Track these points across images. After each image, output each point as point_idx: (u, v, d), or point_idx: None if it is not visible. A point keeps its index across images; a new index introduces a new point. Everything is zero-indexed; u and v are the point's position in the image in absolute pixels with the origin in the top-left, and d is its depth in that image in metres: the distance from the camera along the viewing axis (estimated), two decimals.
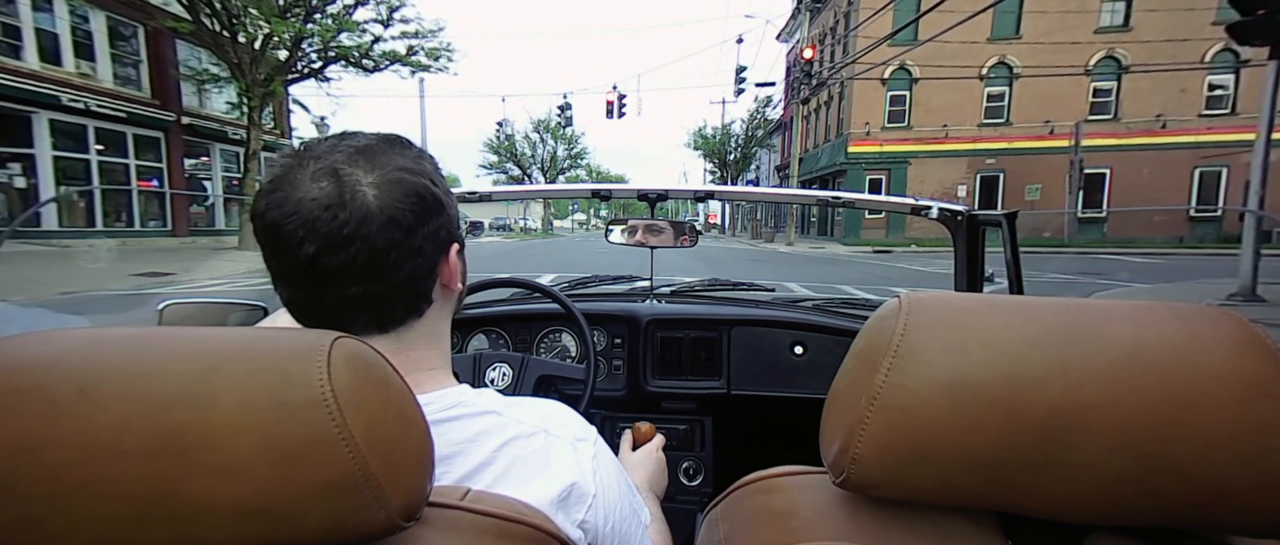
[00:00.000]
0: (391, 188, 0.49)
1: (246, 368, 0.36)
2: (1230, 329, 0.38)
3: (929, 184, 20.27)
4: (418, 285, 0.53)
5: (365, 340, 0.44)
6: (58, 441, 0.33)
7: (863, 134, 20.70)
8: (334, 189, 0.47)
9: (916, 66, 19.88)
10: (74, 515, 0.33)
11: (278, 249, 0.48)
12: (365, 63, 15.27)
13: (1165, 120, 18.67)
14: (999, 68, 19.80)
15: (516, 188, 1.72)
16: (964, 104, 19.96)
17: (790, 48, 30.05)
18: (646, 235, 1.54)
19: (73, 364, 0.35)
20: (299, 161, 0.49)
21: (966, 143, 20.09)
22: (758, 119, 33.41)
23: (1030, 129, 19.56)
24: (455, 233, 0.56)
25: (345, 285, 0.49)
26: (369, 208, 0.48)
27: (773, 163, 34.77)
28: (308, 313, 0.52)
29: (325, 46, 14.09)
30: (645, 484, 0.91)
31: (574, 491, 0.51)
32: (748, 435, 1.73)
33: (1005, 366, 0.39)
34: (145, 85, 14.06)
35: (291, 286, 0.50)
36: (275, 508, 0.35)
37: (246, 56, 12.95)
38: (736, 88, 17.26)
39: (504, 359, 1.28)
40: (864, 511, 0.45)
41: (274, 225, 0.48)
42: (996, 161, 20.02)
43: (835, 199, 1.47)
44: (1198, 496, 0.37)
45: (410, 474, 0.39)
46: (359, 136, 0.52)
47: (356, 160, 0.49)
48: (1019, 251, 1.25)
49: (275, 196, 0.48)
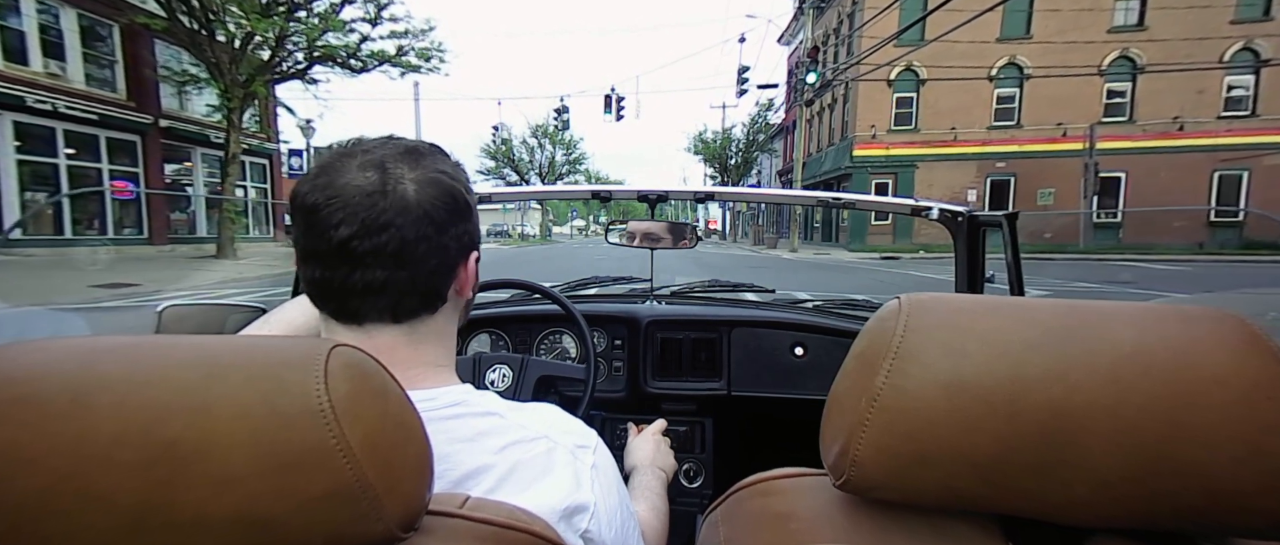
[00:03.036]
0: (430, 186, 0.52)
1: (243, 376, 0.35)
2: (1232, 330, 0.38)
3: (937, 188, 19.65)
4: (437, 282, 0.55)
5: (378, 330, 0.53)
6: (52, 451, 0.33)
7: (868, 137, 20.10)
8: (378, 179, 0.51)
9: (923, 67, 19.31)
10: (68, 525, 0.33)
11: (313, 228, 0.51)
12: (352, 63, 14.72)
13: (1182, 122, 18.03)
14: (1009, 68, 19.20)
15: (517, 189, 1.66)
16: (973, 106, 19.36)
17: (792, 51, 29.55)
18: (646, 237, 1.54)
19: (67, 372, 0.35)
20: (348, 154, 0.53)
21: (976, 146, 19.49)
22: (759, 123, 32.93)
23: (1042, 131, 18.96)
24: (477, 240, 0.58)
25: (372, 268, 0.51)
26: (408, 200, 0.51)
27: (774, 168, 34.24)
28: (330, 293, 0.53)
29: (311, 46, 13.51)
30: (649, 461, 0.98)
31: (576, 502, 0.51)
32: (748, 437, 1.72)
33: (1006, 368, 0.39)
34: (120, 86, 13.42)
35: (320, 266, 0.52)
36: (272, 518, 0.34)
37: (225, 56, 12.35)
38: (739, 88, 16.70)
39: (504, 360, 1.27)
40: (864, 514, 0.45)
41: (314, 206, 0.50)
42: (1007, 165, 19.41)
43: (835, 200, 1.47)
44: (1200, 498, 0.37)
45: (409, 484, 0.39)
46: (405, 140, 0.56)
47: (402, 158, 0.53)
48: (1020, 253, 1.24)
49: (320, 180, 0.51)
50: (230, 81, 12.50)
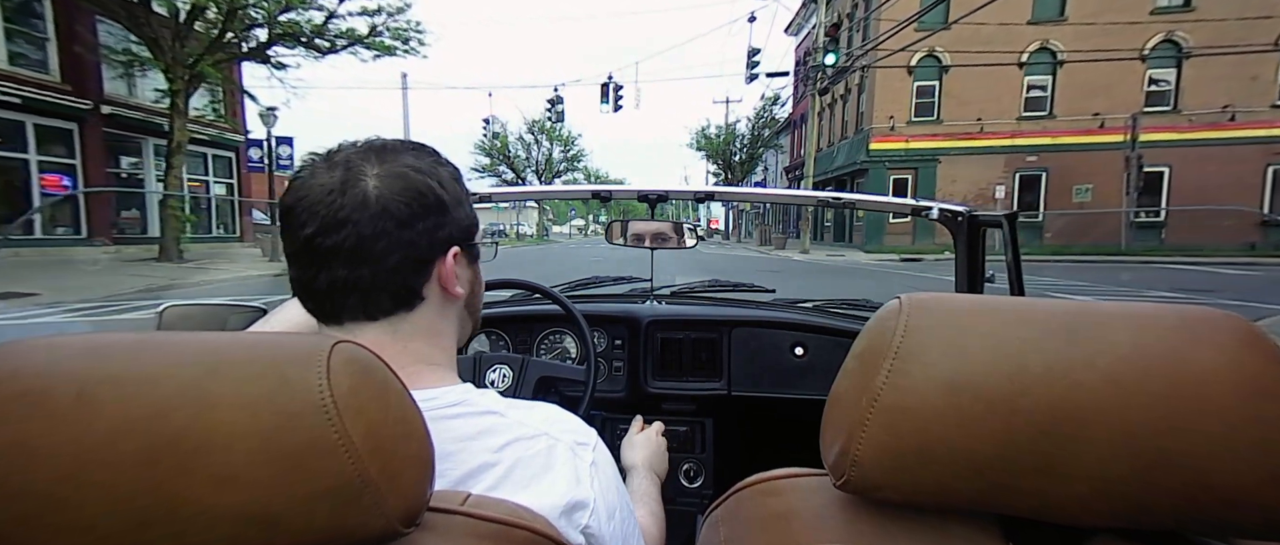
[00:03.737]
0: (393, 181, 0.52)
1: (246, 372, 0.36)
2: (1231, 330, 0.38)
3: (961, 184, 18.15)
4: (405, 278, 0.54)
5: (358, 328, 0.54)
6: (56, 447, 0.33)
7: (886, 129, 18.59)
8: (340, 178, 0.51)
9: (947, 53, 17.83)
10: (72, 520, 0.34)
11: (287, 229, 0.52)
12: (319, 43, 13.25)
13: (1233, 112, 16.48)
14: (1041, 53, 17.68)
15: (518, 189, 1.68)
16: (1001, 95, 17.85)
17: (800, 41, 28.07)
18: (646, 237, 1.54)
19: (71, 369, 0.35)
20: (326, 157, 0.54)
21: (1004, 138, 17.98)
22: (765, 117, 31.47)
23: (1077, 123, 17.46)
24: (457, 237, 0.56)
25: (335, 267, 0.51)
26: (366, 196, 0.51)
27: (780, 165, 32.76)
28: (306, 292, 0.54)
29: (270, 21, 12.03)
30: (645, 463, 0.99)
31: (576, 498, 0.51)
32: (748, 437, 1.71)
33: (1006, 368, 0.39)
34: (53, 67, 11.89)
35: (294, 266, 0.53)
36: (274, 513, 0.35)
37: (166, 30, 10.87)
38: (748, 73, 15.21)
39: (504, 360, 1.27)
40: (864, 514, 0.46)
41: (288, 208, 0.52)
42: (1038, 159, 17.92)
43: (836, 199, 1.48)
44: (1200, 498, 0.37)
45: (410, 480, 0.39)
46: (383, 139, 0.56)
47: (367, 156, 0.53)
48: (1020, 253, 1.26)
49: (295, 182, 0.53)
50: (172, 59, 11.02)
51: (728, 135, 33.85)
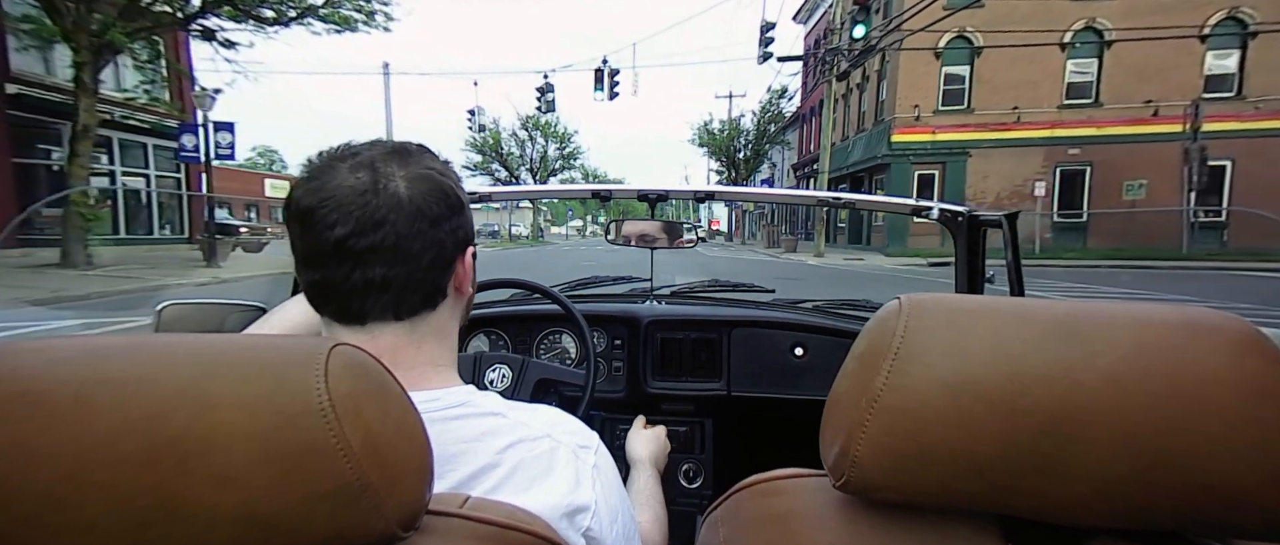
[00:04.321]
0: (421, 182, 0.54)
1: (244, 374, 0.36)
2: (1231, 331, 0.38)
3: (994, 181, 16.32)
4: (436, 277, 0.56)
5: (379, 328, 0.54)
6: (54, 448, 0.33)
7: (910, 119, 16.76)
8: (370, 178, 0.52)
9: (979, 33, 16.06)
10: (72, 520, 0.34)
11: (310, 230, 0.52)
12: (264, 14, 11.46)
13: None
14: (1086, 34, 15.90)
15: (516, 189, 1.62)
16: (1040, 80, 16.06)
17: (810, 28, 26.24)
18: (646, 237, 1.55)
19: (69, 370, 0.35)
20: (338, 157, 0.54)
21: (1043, 129, 16.18)
22: (771, 111, 29.63)
23: (1126, 111, 15.64)
24: (470, 236, 0.59)
25: (371, 266, 0.52)
26: (400, 197, 0.52)
27: (788, 162, 30.91)
28: (330, 294, 0.54)
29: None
30: (651, 459, 1.03)
31: (578, 501, 0.52)
32: (748, 437, 1.72)
33: (1006, 368, 0.39)
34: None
35: (319, 267, 0.53)
36: (272, 516, 0.35)
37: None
38: (761, 51, 13.38)
39: (504, 360, 1.27)
40: (864, 515, 0.46)
41: (309, 209, 0.51)
42: (1082, 152, 16.12)
43: (835, 200, 1.48)
44: (1200, 498, 0.37)
45: (409, 483, 0.39)
46: (392, 142, 0.57)
47: (391, 157, 0.54)
48: (1020, 253, 1.27)
49: (312, 184, 0.52)
50: (73, 25, 9.22)
51: (732, 130, 32.02)
